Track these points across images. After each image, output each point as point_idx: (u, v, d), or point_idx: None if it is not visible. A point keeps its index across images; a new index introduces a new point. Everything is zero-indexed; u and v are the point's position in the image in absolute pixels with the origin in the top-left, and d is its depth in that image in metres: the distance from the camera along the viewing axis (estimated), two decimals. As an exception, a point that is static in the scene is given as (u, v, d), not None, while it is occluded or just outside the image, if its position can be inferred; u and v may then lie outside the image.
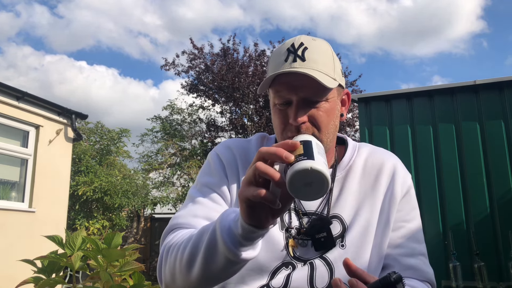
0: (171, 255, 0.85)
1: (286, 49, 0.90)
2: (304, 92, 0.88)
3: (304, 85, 0.87)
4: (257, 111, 14.14)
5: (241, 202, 0.69)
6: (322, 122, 0.90)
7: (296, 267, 0.92)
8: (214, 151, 1.05)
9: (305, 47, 0.89)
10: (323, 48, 0.92)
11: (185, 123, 15.67)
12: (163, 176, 15.01)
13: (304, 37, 0.92)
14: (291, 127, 0.89)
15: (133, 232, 13.32)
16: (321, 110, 0.90)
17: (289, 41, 0.92)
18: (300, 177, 0.64)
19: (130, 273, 2.68)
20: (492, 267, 3.37)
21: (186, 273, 0.80)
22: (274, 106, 0.93)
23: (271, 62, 0.93)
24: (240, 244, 0.72)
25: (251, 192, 0.65)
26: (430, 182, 3.80)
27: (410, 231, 0.98)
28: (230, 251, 0.72)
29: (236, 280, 0.92)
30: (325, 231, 0.92)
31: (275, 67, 0.90)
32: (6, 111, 6.46)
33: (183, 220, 0.93)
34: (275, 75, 0.88)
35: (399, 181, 0.99)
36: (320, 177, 0.65)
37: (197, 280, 0.80)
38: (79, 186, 11.55)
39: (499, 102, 3.79)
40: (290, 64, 0.88)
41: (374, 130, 4.11)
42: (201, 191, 0.98)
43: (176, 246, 0.85)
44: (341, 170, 1.00)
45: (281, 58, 0.90)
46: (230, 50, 14.14)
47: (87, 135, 13.30)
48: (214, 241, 0.75)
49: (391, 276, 0.65)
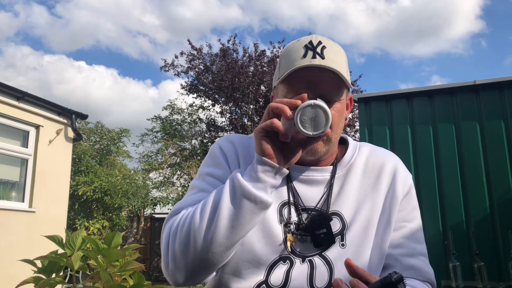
0: (181, 230, 0.84)
1: (304, 45, 0.89)
2: (321, 89, 0.88)
3: (323, 82, 0.87)
4: (257, 111, 14.15)
5: (256, 137, 0.82)
6: (334, 122, 0.91)
7: (294, 263, 0.91)
8: (216, 143, 1.05)
9: (323, 46, 0.88)
10: (339, 49, 0.92)
11: (185, 123, 15.68)
12: (163, 176, 15.01)
13: (322, 37, 0.91)
14: None
15: (133, 232, 13.32)
16: (334, 109, 0.90)
17: (304, 39, 0.91)
18: (305, 110, 0.79)
19: (130, 273, 2.68)
20: (492, 267, 3.37)
21: (206, 238, 0.81)
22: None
23: (284, 58, 0.92)
24: (258, 181, 0.82)
25: (265, 122, 0.80)
26: (430, 182, 3.80)
27: (411, 231, 0.98)
28: (252, 194, 0.81)
29: (233, 272, 0.91)
30: (325, 227, 0.92)
31: (291, 62, 0.89)
32: (6, 111, 6.46)
33: (186, 205, 0.93)
34: (299, 67, 0.86)
35: (400, 181, 0.99)
36: (323, 110, 0.79)
37: (223, 233, 0.81)
38: (79, 186, 11.55)
39: (499, 102, 3.80)
40: (310, 60, 0.87)
41: (374, 130, 4.11)
42: (204, 181, 0.98)
43: (184, 219, 0.85)
44: (342, 168, 0.99)
45: (297, 54, 0.88)
46: (230, 51, 14.14)
47: (87, 135, 13.30)
48: (233, 192, 0.82)
49: (392, 276, 0.65)
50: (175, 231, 0.85)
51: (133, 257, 2.73)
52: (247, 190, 0.81)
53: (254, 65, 13.90)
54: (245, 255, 0.90)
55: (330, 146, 0.94)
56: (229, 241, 0.82)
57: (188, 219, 0.84)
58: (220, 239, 0.81)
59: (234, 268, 0.91)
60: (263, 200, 0.82)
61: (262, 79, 13.68)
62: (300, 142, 0.84)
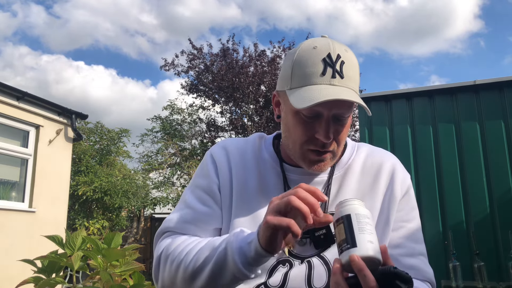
0: (171, 264, 0.89)
1: (322, 59, 0.86)
2: (336, 109, 0.86)
3: (340, 103, 0.85)
4: (257, 111, 14.15)
5: (266, 228, 0.75)
6: (342, 138, 0.92)
7: (294, 265, 0.92)
8: (209, 151, 1.06)
9: (342, 61, 0.87)
10: (355, 62, 0.90)
11: (185, 123, 15.68)
12: (163, 176, 15.01)
13: (337, 46, 0.88)
14: (316, 141, 0.89)
15: (133, 232, 13.32)
16: (344, 126, 0.91)
17: (321, 48, 0.87)
18: (349, 266, 0.69)
19: (130, 273, 2.68)
20: (492, 267, 3.37)
21: (190, 282, 0.85)
22: (297, 115, 0.89)
23: (300, 67, 0.88)
24: (249, 264, 0.79)
25: (282, 222, 0.72)
26: (430, 182, 3.80)
27: (410, 231, 0.98)
28: (239, 271, 0.79)
29: None
30: (324, 227, 0.92)
31: (308, 76, 0.86)
32: (6, 111, 6.46)
33: (174, 225, 0.99)
34: (323, 101, 0.82)
35: (398, 181, 0.99)
36: (367, 260, 0.68)
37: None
38: (79, 186, 11.55)
39: (499, 102, 3.79)
40: (329, 79, 0.85)
41: (374, 130, 4.10)
42: (193, 193, 1.01)
43: (177, 255, 0.89)
44: (340, 169, 1.00)
45: (315, 69, 0.86)
46: (230, 50, 14.14)
47: (87, 135, 13.30)
48: (223, 259, 0.81)
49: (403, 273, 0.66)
50: (165, 263, 0.92)
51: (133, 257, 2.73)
52: (238, 270, 0.80)
53: (254, 65, 13.90)
54: None
55: (334, 161, 0.95)
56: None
57: (175, 263, 0.89)
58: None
59: None
60: (248, 277, 0.81)
61: (262, 79, 13.69)
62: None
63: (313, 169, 0.93)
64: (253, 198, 0.96)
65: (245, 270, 0.78)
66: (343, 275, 0.70)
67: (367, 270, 0.67)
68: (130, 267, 2.62)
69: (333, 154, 0.93)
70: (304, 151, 0.91)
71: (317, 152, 0.91)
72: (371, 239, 0.70)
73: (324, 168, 0.94)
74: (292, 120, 0.91)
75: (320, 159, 0.91)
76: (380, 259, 0.69)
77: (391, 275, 0.66)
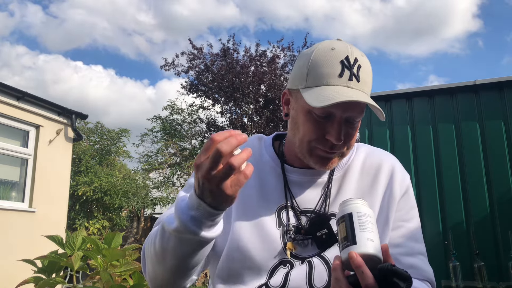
0: (149, 256, 0.88)
1: (340, 60, 0.86)
2: (351, 112, 0.87)
3: (354, 105, 0.86)
4: (257, 111, 14.15)
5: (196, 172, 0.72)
6: (353, 141, 0.93)
7: (294, 265, 0.92)
8: None
9: (359, 65, 0.87)
10: (370, 68, 0.91)
11: (185, 123, 15.69)
12: (163, 176, 15.02)
13: (355, 50, 0.89)
14: (325, 142, 0.89)
15: (133, 232, 13.32)
16: (354, 129, 0.91)
17: (339, 50, 0.88)
18: (349, 264, 0.69)
19: (130, 273, 2.68)
20: (492, 267, 3.37)
21: (163, 265, 0.83)
22: (309, 114, 0.89)
23: (316, 67, 0.88)
24: (194, 219, 0.75)
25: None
26: (430, 182, 3.80)
27: (409, 230, 0.98)
28: (185, 227, 0.75)
29: (235, 279, 0.92)
30: (326, 227, 0.92)
31: (326, 76, 0.86)
32: (6, 111, 6.46)
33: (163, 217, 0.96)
34: (341, 102, 0.82)
35: (397, 181, 0.99)
36: (366, 258, 0.68)
37: (174, 269, 0.83)
38: (79, 186, 11.56)
39: (499, 102, 3.79)
40: (346, 81, 0.86)
41: (374, 130, 4.11)
42: (187, 191, 0.99)
43: (148, 245, 0.89)
44: (339, 170, 1.00)
45: (333, 70, 0.86)
46: (230, 50, 14.14)
47: (87, 135, 13.30)
48: (173, 226, 0.78)
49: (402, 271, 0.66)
50: (144, 253, 0.91)
51: (133, 257, 2.73)
52: (184, 227, 0.76)
53: (255, 65, 13.90)
54: (246, 262, 0.91)
55: (341, 160, 0.96)
56: (184, 271, 0.84)
57: (151, 247, 0.87)
58: (173, 274, 0.84)
59: (236, 275, 0.92)
60: (197, 233, 0.76)
61: (262, 79, 13.69)
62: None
63: (320, 165, 0.92)
64: (252, 199, 0.96)
65: (191, 224, 0.74)
66: (343, 271, 0.70)
67: (365, 267, 0.67)
68: (130, 267, 2.62)
69: (341, 154, 0.93)
70: (312, 147, 0.91)
71: (324, 151, 0.91)
72: (372, 237, 0.70)
73: (331, 166, 0.93)
74: (303, 118, 0.91)
75: (328, 156, 0.92)
76: (381, 257, 0.69)
77: (389, 273, 0.66)
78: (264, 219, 0.94)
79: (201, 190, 0.71)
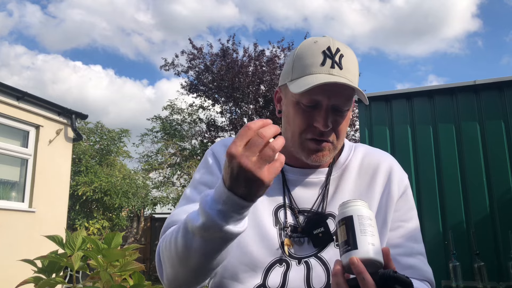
0: (168, 256, 0.84)
1: (322, 51, 0.89)
2: (336, 99, 0.89)
3: (339, 93, 0.88)
4: (257, 111, 14.15)
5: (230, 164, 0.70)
6: (342, 131, 0.93)
7: (291, 265, 0.91)
8: (210, 149, 1.06)
9: (341, 54, 0.89)
10: (354, 58, 0.93)
11: (185, 123, 15.68)
12: (163, 176, 15.02)
13: (337, 42, 0.91)
14: (314, 130, 0.90)
15: (133, 232, 13.32)
16: (343, 118, 0.92)
17: (322, 42, 0.91)
18: (350, 268, 0.69)
19: (130, 273, 2.68)
20: (492, 267, 3.37)
21: (186, 265, 0.80)
22: (297, 105, 0.91)
23: (300, 59, 0.91)
24: (222, 213, 0.72)
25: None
26: (430, 182, 3.80)
27: (408, 230, 0.98)
28: (213, 221, 0.72)
29: (231, 276, 0.92)
30: (322, 226, 0.92)
31: (308, 66, 0.89)
32: (6, 111, 6.46)
33: (177, 218, 0.93)
34: (322, 83, 0.83)
35: (395, 181, 0.99)
36: (367, 262, 0.68)
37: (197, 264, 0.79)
38: (79, 186, 11.56)
39: (499, 102, 3.80)
40: (328, 69, 0.88)
41: (374, 130, 4.11)
42: (196, 189, 0.99)
43: (168, 244, 0.84)
44: (337, 169, 1.00)
45: (315, 59, 0.89)
46: (230, 50, 14.14)
47: (87, 135, 13.30)
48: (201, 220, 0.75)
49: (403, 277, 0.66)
50: (163, 253, 0.86)
51: (133, 257, 2.73)
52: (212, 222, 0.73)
53: (254, 65, 13.90)
54: (242, 258, 0.91)
55: (334, 153, 0.96)
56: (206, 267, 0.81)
57: (172, 247, 0.83)
58: (198, 270, 0.80)
59: (232, 271, 0.91)
60: (222, 226, 0.73)
61: (262, 78, 13.69)
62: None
63: (312, 158, 0.93)
64: None
65: (218, 218, 0.71)
66: (344, 276, 0.70)
67: (367, 274, 0.67)
68: (130, 267, 2.62)
69: (333, 145, 0.93)
70: (303, 140, 0.92)
71: (315, 141, 0.91)
72: (373, 241, 0.70)
73: (323, 159, 0.93)
74: (292, 110, 0.93)
75: (319, 148, 0.92)
76: (382, 261, 0.69)
77: (391, 279, 0.66)
78: (261, 218, 0.94)
79: (235, 179, 0.68)
